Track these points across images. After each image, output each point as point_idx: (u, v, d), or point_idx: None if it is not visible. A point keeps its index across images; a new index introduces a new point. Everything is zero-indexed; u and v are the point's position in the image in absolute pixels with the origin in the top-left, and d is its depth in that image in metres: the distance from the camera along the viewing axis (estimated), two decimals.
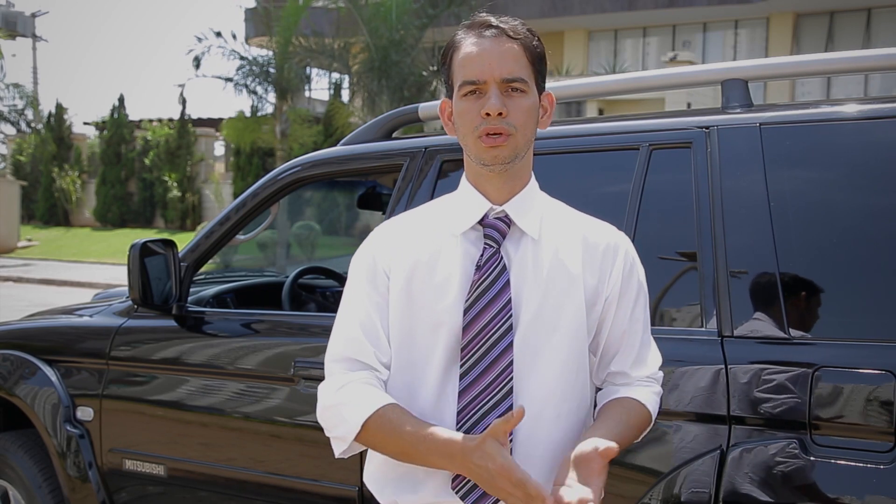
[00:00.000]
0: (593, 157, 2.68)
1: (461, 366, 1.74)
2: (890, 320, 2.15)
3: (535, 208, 1.82)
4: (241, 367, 3.14)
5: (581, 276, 1.79)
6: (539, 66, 1.79)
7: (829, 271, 2.26)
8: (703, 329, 2.32)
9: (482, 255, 1.77)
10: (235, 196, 22.10)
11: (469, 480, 1.69)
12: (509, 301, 1.74)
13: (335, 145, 3.36)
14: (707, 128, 2.46)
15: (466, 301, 1.74)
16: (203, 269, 3.65)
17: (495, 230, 1.78)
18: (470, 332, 1.73)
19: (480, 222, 1.80)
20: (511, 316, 1.74)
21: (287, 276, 4.20)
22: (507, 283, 1.75)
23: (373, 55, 20.83)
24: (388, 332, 1.81)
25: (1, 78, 26.23)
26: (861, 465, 2.07)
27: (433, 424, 1.70)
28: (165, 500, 3.40)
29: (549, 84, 2.03)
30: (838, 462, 2.09)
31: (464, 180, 1.85)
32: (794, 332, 2.21)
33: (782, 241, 2.26)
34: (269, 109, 23.92)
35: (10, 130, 29.79)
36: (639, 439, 1.90)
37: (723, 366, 2.24)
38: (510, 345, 1.73)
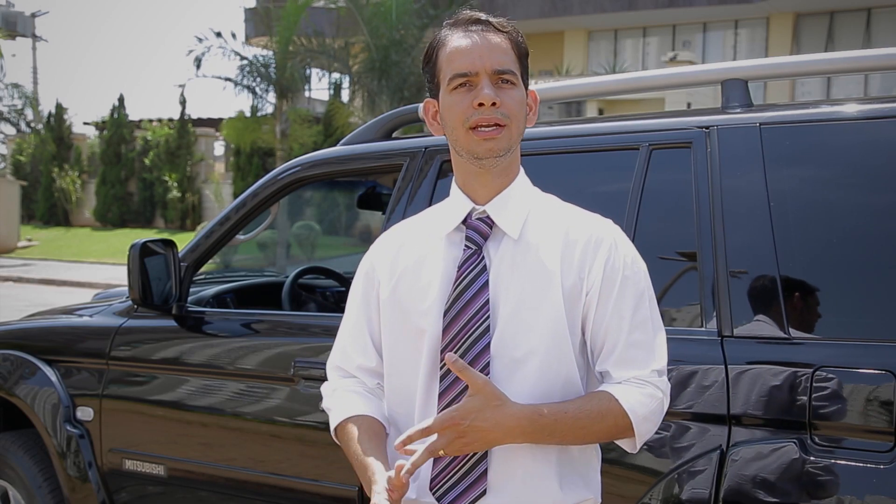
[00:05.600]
0: (593, 157, 2.68)
1: (441, 367, 1.73)
2: (890, 320, 2.15)
3: (519, 206, 1.79)
4: (241, 367, 3.14)
5: (559, 275, 1.73)
6: (525, 63, 1.78)
7: (829, 271, 2.26)
8: (703, 329, 2.32)
9: (462, 257, 1.77)
10: (235, 196, 22.07)
11: (446, 482, 1.71)
12: (487, 302, 1.72)
13: (335, 145, 3.36)
14: (707, 128, 2.46)
15: (446, 302, 1.74)
16: (203, 269, 3.65)
17: (476, 231, 1.77)
18: (449, 333, 1.73)
19: (464, 223, 1.79)
20: (489, 317, 1.72)
21: (287, 276, 4.20)
22: (486, 283, 1.73)
23: (373, 55, 20.83)
24: (378, 340, 1.87)
25: (1, 78, 26.08)
26: (861, 465, 2.07)
27: (369, 450, 1.74)
28: (165, 500, 3.40)
29: (550, 84, 2.00)
30: (838, 462, 2.09)
31: (453, 184, 1.84)
32: (793, 332, 2.21)
33: (782, 241, 2.26)
34: (269, 109, 23.91)
35: (9, 130, 29.68)
36: (636, 447, 1.78)
37: (723, 366, 2.24)
38: (487, 346, 1.71)
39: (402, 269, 1.82)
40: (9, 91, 25.90)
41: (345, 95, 25.81)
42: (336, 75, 25.86)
